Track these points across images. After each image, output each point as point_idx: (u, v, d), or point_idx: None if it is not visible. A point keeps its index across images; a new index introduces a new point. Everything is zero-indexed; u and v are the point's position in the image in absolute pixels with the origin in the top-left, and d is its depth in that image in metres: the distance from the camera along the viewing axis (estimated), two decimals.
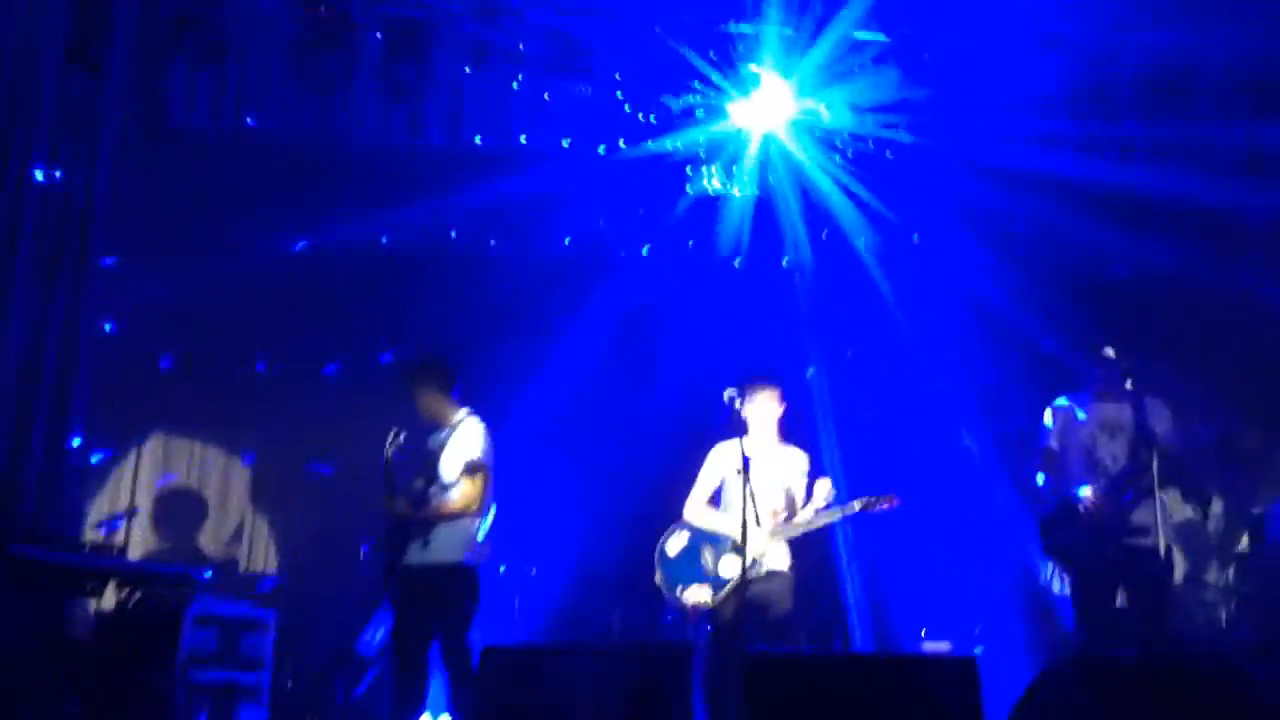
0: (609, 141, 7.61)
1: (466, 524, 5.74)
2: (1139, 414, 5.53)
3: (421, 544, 5.69)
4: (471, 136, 7.38)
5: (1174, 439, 5.43)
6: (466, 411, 5.94)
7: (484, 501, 5.78)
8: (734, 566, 5.41)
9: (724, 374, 5.79)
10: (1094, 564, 5.54)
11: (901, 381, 7.89)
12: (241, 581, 7.49)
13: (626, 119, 7.52)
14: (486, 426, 5.89)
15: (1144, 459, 5.45)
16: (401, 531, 5.75)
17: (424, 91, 7.34)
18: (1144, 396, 5.43)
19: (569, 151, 7.57)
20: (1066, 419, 5.79)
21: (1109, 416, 5.67)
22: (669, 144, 7.63)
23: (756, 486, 5.57)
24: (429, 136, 7.33)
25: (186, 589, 5.90)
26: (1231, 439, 5.39)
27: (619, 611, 7.00)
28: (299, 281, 7.79)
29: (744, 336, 7.61)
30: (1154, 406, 5.50)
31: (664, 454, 7.10)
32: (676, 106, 7.51)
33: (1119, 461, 5.55)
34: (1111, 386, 5.63)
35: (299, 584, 7.45)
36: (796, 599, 5.68)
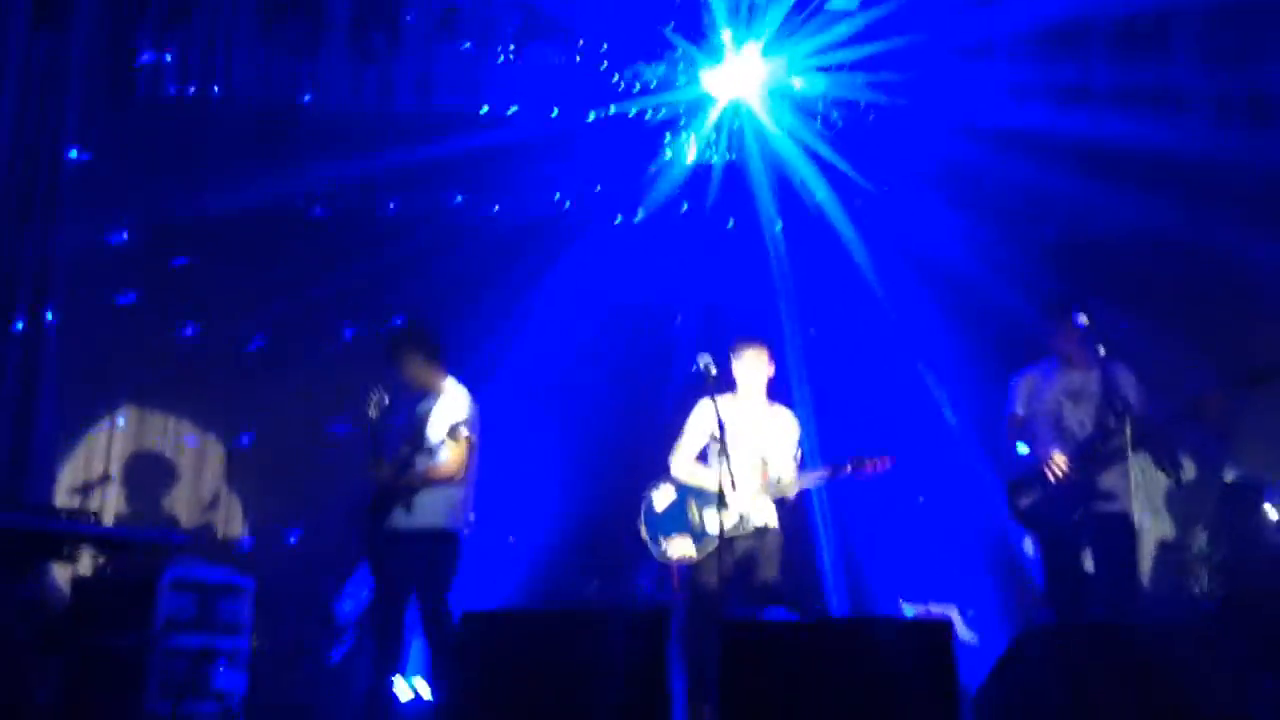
0: (581, 108, 7.56)
1: (451, 490, 5.76)
2: (1106, 381, 5.57)
3: (405, 509, 5.71)
4: (441, 102, 7.32)
5: (1141, 404, 5.48)
6: (453, 380, 5.96)
7: (468, 468, 5.80)
8: (719, 521, 5.40)
9: (703, 337, 5.80)
10: (1060, 529, 5.58)
11: (876, 347, 7.91)
12: (219, 547, 7.46)
13: (599, 86, 7.48)
14: (471, 397, 5.90)
15: (1110, 425, 5.52)
16: (386, 496, 5.77)
17: (394, 57, 7.30)
18: (1111, 363, 5.47)
19: (541, 118, 7.50)
20: (1033, 387, 5.81)
21: (1075, 384, 5.69)
22: (642, 111, 7.60)
23: (745, 445, 5.66)
24: (399, 102, 7.28)
25: (162, 554, 5.88)
26: (1200, 402, 5.41)
27: (596, 577, 7.02)
28: (272, 248, 7.71)
29: (723, 301, 7.60)
30: (1121, 372, 5.53)
31: (642, 419, 7.12)
32: (649, 74, 7.49)
33: (1086, 428, 5.58)
34: (1081, 353, 5.68)
35: (277, 549, 7.42)
36: (782, 559, 5.70)
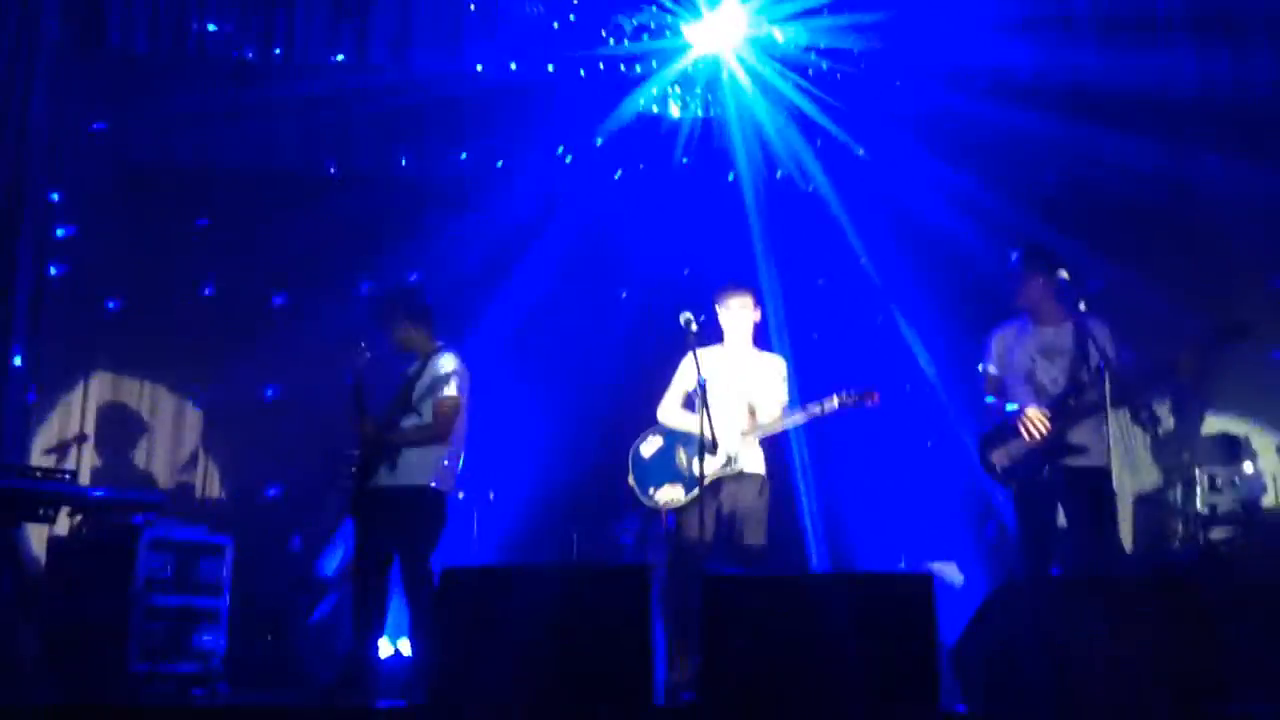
0: (560, 62, 7.49)
1: (436, 450, 5.74)
2: (1079, 335, 5.54)
3: (389, 467, 5.70)
4: (418, 56, 7.22)
5: (1116, 359, 5.46)
6: (442, 344, 5.94)
7: (455, 430, 5.79)
8: (707, 465, 5.37)
9: (685, 292, 5.78)
10: (1033, 485, 5.57)
11: (858, 300, 7.90)
12: (197, 507, 7.43)
13: (578, 39, 7.41)
14: (460, 357, 5.89)
15: (1083, 380, 5.51)
16: (371, 454, 5.75)
17: (371, 8, 7.21)
18: (1085, 317, 5.45)
19: (519, 71, 7.44)
20: (1007, 342, 5.78)
21: (1048, 339, 5.66)
22: (622, 65, 7.53)
23: (731, 393, 5.65)
24: (374, 55, 7.19)
25: (140, 514, 5.86)
26: (1176, 360, 5.40)
27: (578, 534, 7.02)
28: (250, 207, 7.62)
29: (705, 254, 7.56)
30: (1095, 327, 5.52)
31: (625, 375, 7.09)
32: (628, 26, 7.41)
33: (1059, 384, 5.55)
34: (1053, 308, 5.67)
35: (256, 509, 7.40)
36: (769, 506, 5.66)
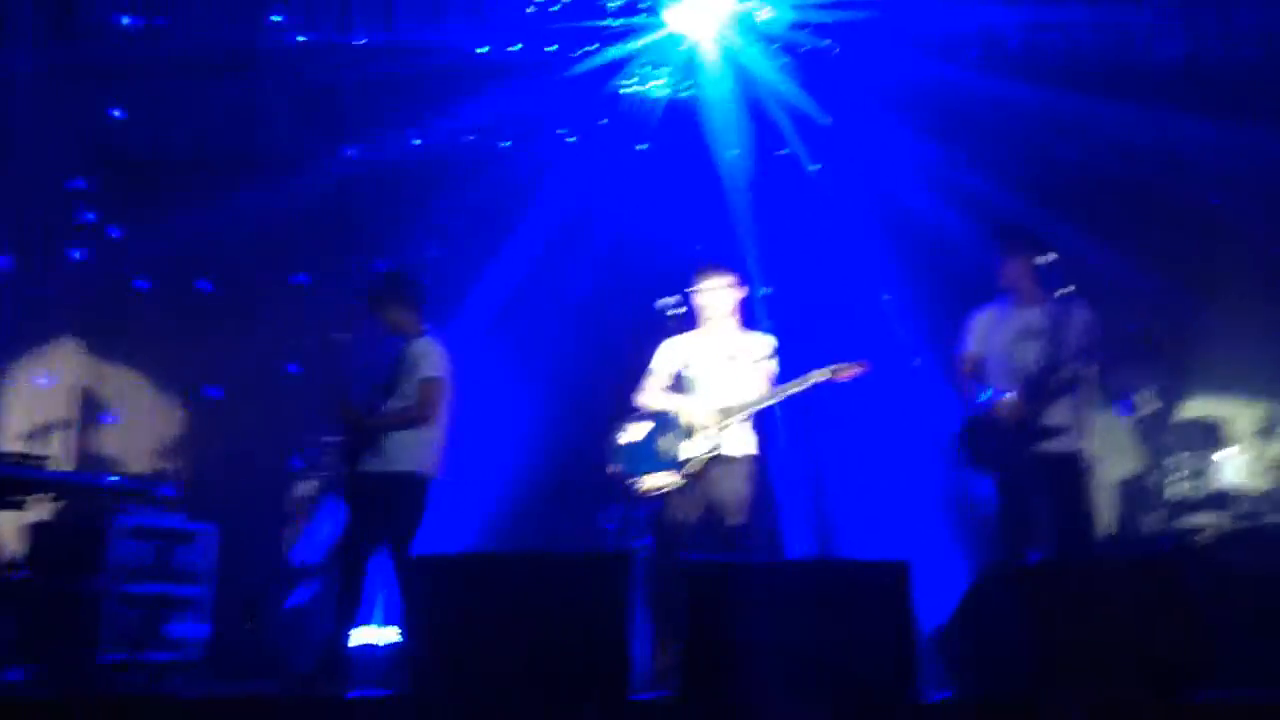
0: (543, 42, 7.42)
1: (420, 435, 5.72)
2: (1056, 317, 5.52)
3: (373, 452, 5.68)
4: (401, 33, 7.16)
5: (1096, 341, 5.44)
6: (428, 328, 5.92)
7: (439, 414, 5.76)
8: (691, 448, 5.33)
9: (671, 275, 5.75)
10: (1011, 470, 5.55)
11: (841, 286, 7.86)
12: (182, 494, 7.37)
13: (561, 18, 7.35)
14: (444, 342, 5.87)
15: (1059, 363, 5.48)
16: (354, 439, 5.73)
17: None
18: (1065, 299, 5.43)
19: (503, 50, 7.37)
20: (988, 322, 5.78)
21: (1026, 321, 5.64)
22: (604, 45, 7.44)
23: (715, 376, 5.58)
24: (357, 32, 7.10)
25: (112, 500, 5.81)
26: (1147, 333, 5.36)
27: (561, 521, 7.00)
28: (230, 188, 7.50)
29: (691, 236, 7.50)
30: (1075, 309, 5.50)
31: (608, 360, 7.02)
32: (612, 4, 7.35)
33: (1036, 366, 5.52)
34: (1032, 289, 5.65)
35: (238, 496, 7.35)
36: (757, 487, 5.58)
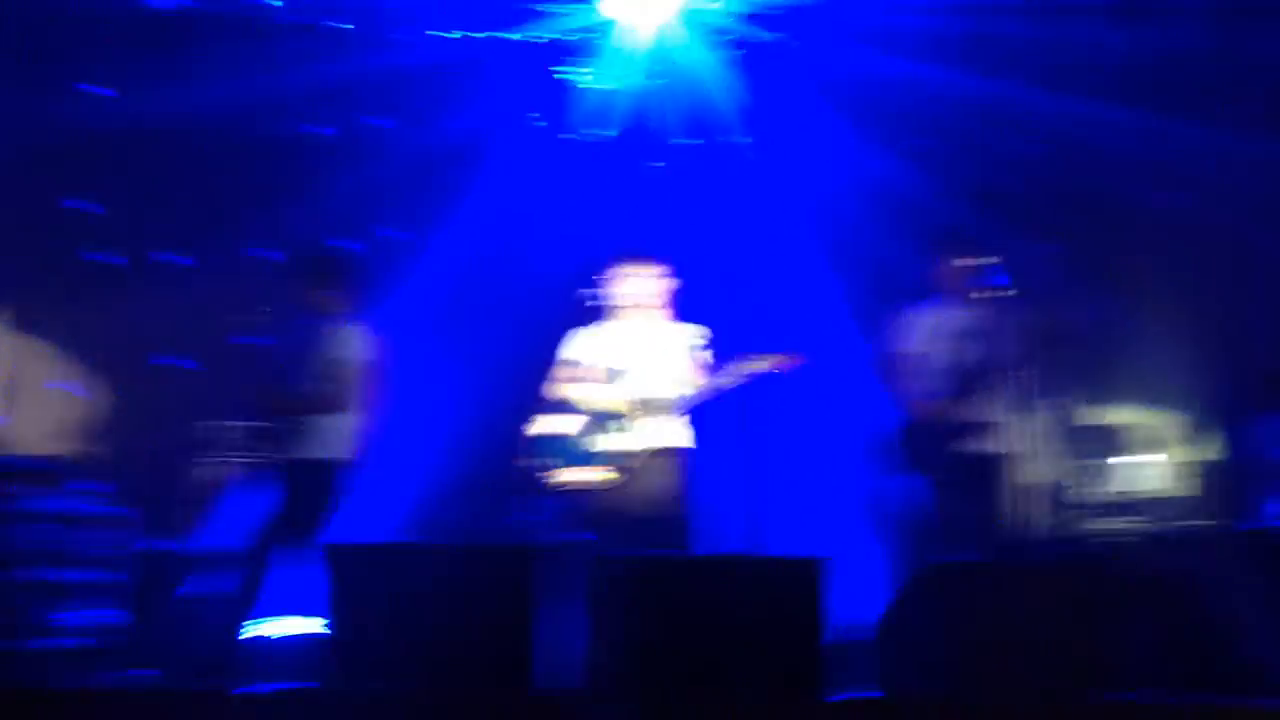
0: (481, 29, 7.37)
1: (340, 421, 5.61)
2: (990, 319, 5.53)
3: (288, 437, 5.58)
4: (333, 14, 7.11)
5: (1025, 344, 5.45)
6: (353, 310, 5.80)
7: (361, 400, 5.66)
8: (618, 441, 5.32)
9: (602, 267, 5.73)
10: (939, 469, 5.59)
11: (781, 283, 7.84)
12: (94, 476, 7.25)
13: (498, 6, 7.30)
14: (370, 327, 5.76)
15: (989, 364, 5.50)
16: (269, 423, 5.65)
17: None
18: (1001, 301, 5.44)
19: (437, 39, 7.33)
20: (921, 323, 5.79)
21: (961, 322, 5.65)
22: (544, 33, 7.42)
23: (645, 368, 5.51)
24: (283, 12, 7.05)
25: (12, 482, 5.71)
26: (1053, 328, 5.38)
27: (477, 511, 6.97)
28: (152, 162, 7.40)
29: (626, 229, 7.47)
30: (1011, 311, 5.51)
31: (534, 351, 6.98)
32: None
33: (967, 368, 5.56)
34: (966, 291, 5.65)
35: (147, 477, 7.25)
36: (684, 479, 5.51)
